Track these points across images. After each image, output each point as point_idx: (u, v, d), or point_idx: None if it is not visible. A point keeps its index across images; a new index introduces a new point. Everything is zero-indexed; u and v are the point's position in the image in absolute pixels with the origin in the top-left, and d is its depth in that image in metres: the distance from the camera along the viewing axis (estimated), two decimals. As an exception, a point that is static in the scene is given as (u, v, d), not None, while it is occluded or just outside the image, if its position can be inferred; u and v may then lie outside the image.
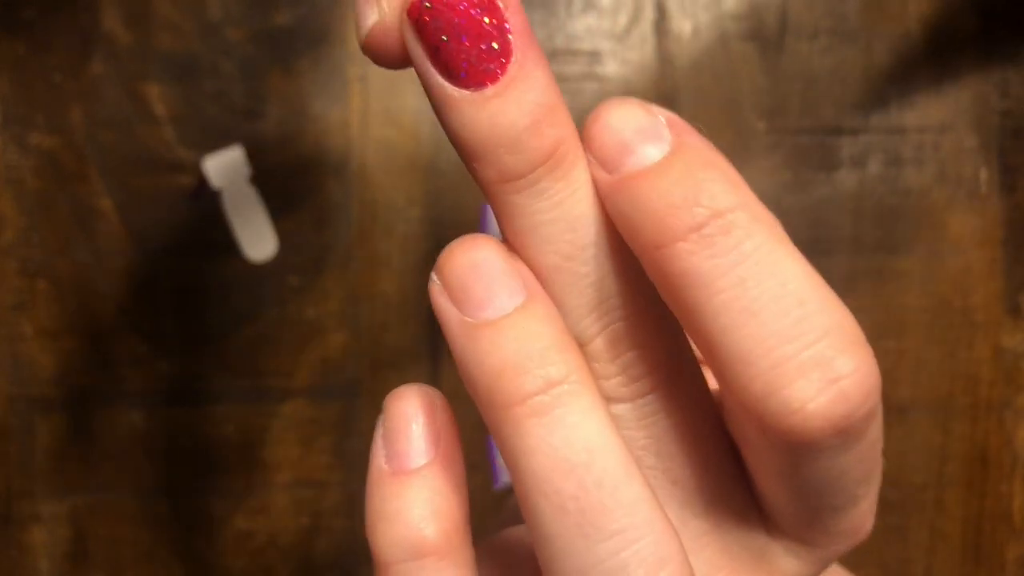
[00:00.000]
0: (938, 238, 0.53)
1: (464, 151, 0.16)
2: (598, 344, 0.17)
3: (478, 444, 0.53)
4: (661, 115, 0.16)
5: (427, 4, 0.16)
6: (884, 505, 0.60)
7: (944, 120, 0.53)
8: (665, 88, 0.53)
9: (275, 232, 0.52)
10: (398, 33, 0.16)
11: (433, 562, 0.17)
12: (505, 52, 0.16)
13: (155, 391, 0.53)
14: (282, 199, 0.52)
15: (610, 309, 0.17)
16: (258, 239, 0.52)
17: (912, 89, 0.54)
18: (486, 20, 0.16)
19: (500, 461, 0.52)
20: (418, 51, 0.16)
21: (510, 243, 0.17)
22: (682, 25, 0.53)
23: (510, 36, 0.16)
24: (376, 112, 0.52)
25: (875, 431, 0.15)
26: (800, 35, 0.53)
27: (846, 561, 0.54)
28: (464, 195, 0.53)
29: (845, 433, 0.15)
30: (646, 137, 0.16)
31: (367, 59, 0.19)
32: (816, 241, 0.53)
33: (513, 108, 0.16)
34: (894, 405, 0.53)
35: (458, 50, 0.16)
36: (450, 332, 0.17)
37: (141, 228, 0.52)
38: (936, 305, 0.53)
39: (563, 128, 0.16)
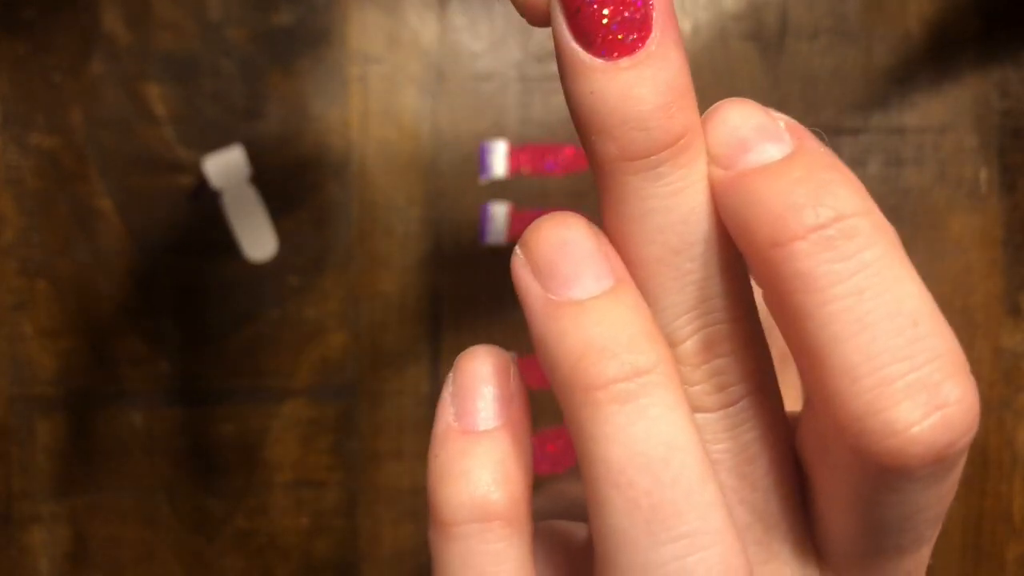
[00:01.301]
0: (938, 238, 0.53)
1: (586, 122, 0.15)
2: (689, 347, 0.16)
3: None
4: (780, 119, 0.16)
5: None
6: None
7: (944, 120, 0.53)
8: (665, 88, 0.53)
9: (275, 232, 0.52)
10: None
11: (499, 527, 0.16)
12: (646, 25, 0.15)
13: (155, 391, 0.53)
14: (282, 199, 0.52)
15: (708, 311, 0.16)
16: (258, 239, 0.52)
17: (912, 89, 0.54)
18: None
19: None
20: (558, 11, 0.15)
21: (612, 228, 0.16)
22: (682, 24, 0.53)
23: (653, 10, 0.15)
24: (376, 112, 0.52)
25: (959, 471, 0.15)
26: (800, 35, 0.53)
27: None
28: (464, 195, 0.53)
29: (941, 463, 0.14)
30: (766, 136, 0.16)
31: (367, 59, 0.19)
32: (816, 241, 0.53)
33: (648, 84, 0.15)
34: (894, 405, 0.53)
35: (598, 15, 0.15)
36: (530, 308, 0.16)
37: (141, 228, 0.52)
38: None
39: (692, 115, 0.16)
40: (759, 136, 0.16)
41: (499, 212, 0.52)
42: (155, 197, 0.52)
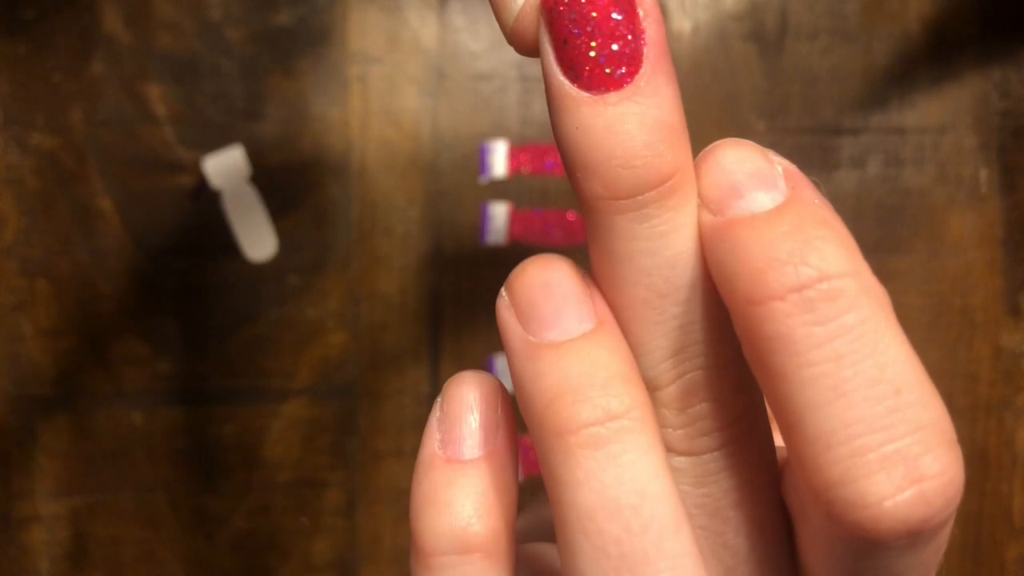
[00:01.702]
0: (938, 238, 0.53)
1: (572, 158, 0.15)
2: (671, 391, 0.16)
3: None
4: (779, 163, 0.15)
5: None
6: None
7: (944, 120, 0.53)
8: (665, 88, 0.53)
9: (275, 232, 0.52)
10: (536, 19, 0.15)
11: (479, 559, 0.16)
12: (635, 59, 0.15)
13: (155, 391, 0.53)
14: (282, 199, 0.52)
15: (691, 356, 0.16)
16: (258, 239, 0.52)
17: (912, 89, 0.54)
18: (622, 22, 0.15)
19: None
20: (546, 41, 0.15)
21: (598, 267, 0.16)
22: (682, 25, 0.53)
23: (644, 45, 0.15)
24: (376, 112, 0.52)
25: (944, 537, 0.14)
26: (800, 35, 0.53)
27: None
28: (464, 195, 0.53)
29: (916, 536, 0.13)
30: (760, 183, 0.15)
31: (367, 59, 0.19)
32: (816, 241, 0.53)
33: (635, 121, 0.15)
34: (894, 405, 0.53)
35: (586, 48, 0.15)
36: (511, 349, 0.16)
37: (141, 228, 0.52)
38: (936, 305, 0.53)
39: (683, 155, 0.15)
40: (753, 182, 0.15)
41: (499, 212, 0.52)
42: (155, 197, 0.52)
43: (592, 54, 0.14)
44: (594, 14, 0.14)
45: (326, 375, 0.53)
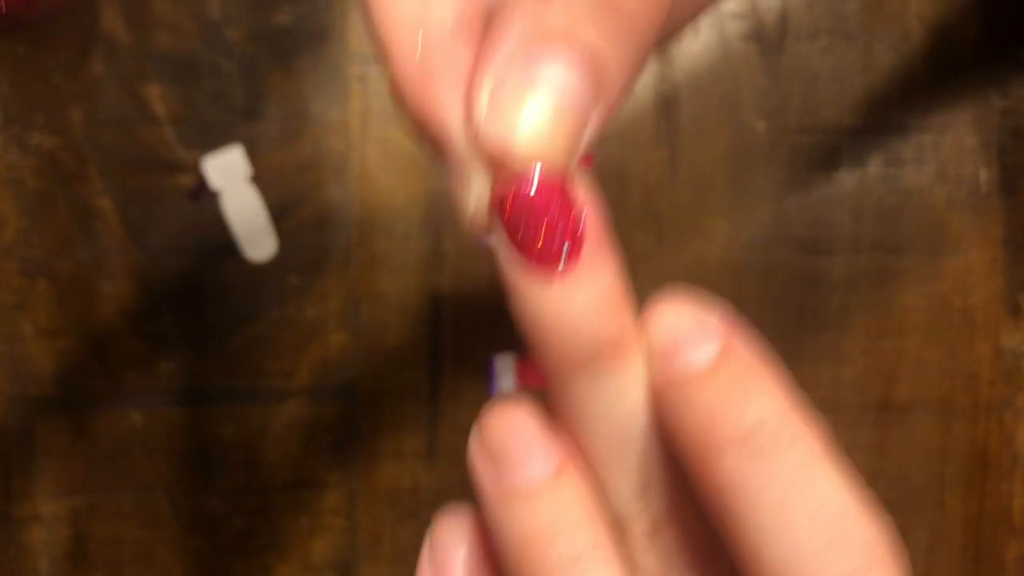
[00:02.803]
0: (938, 238, 0.53)
1: (529, 332, 0.17)
2: (640, 527, 0.17)
3: (478, 444, 0.53)
4: (713, 315, 0.17)
5: (511, 191, 0.17)
6: (884, 505, 0.60)
7: (944, 120, 0.53)
8: (665, 88, 0.53)
9: (275, 232, 0.52)
10: (488, 215, 0.17)
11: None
12: (577, 246, 0.16)
13: (155, 391, 0.53)
14: (282, 199, 0.52)
15: (655, 494, 0.17)
16: (258, 239, 0.52)
17: (912, 89, 0.54)
18: (563, 212, 0.16)
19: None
20: (497, 234, 0.17)
21: (563, 421, 0.18)
22: (682, 25, 0.53)
23: (584, 233, 0.17)
24: (376, 112, 0.52)
25: None
26: (800, 35, 0.53)
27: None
28: (464, 195, 0.53)
29: None
30: (697, 338, 0.17)
31: (367, 58, 0.20)
32: (816, 241, 0.53)
33: (580, 296, 0.16)
34: (894, 405, 0.53)
35: (533, 237, 0.16)
36: (484, 495, 0.18)
37: (141, 228, 0.52)
38: (936, 305, 0.53)
39: (627, 321, 0.17)
40: (690, 338, 0.17)
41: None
42: (155, 197, 0.52)
43: (539, 243, 0.16)
44: (538, 208, 0.16)
45: (326, 375, 0.53)
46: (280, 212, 0.52)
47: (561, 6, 0.16)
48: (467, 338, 0.53)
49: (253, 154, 0.52)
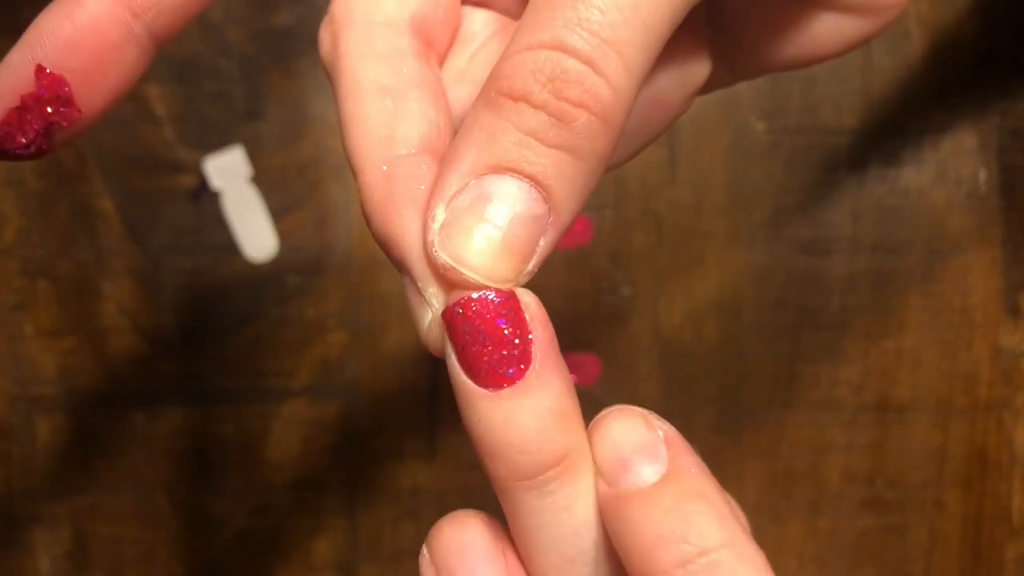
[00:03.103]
0: (938, 238, 0.53)
1: (478, 446, 0.17)
2: None
3: (478, 444, 0.53)
4: (660, 429, 0.17)
5: (459, 310, 0.17)
6: (883, 505, 0.60)
7: (944, 120, 0.53)
8: (665, 88, 0.53)
9: (275, 232, 0.52)
10: (441, 330, 0.18)
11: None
12: (524, 359, 0.17)
13: (155, 391, 0.53)
14: (282, 199, 0.52)
15: None
16: (258, 239, 0.52)
17: (912, 89, 0.54)
18: (510, 329, 0.17)
19: None
20: (448, 348, 0.17)
21: (514, 534, 0.18)
22: (682, 25, 0.53)
23: (532, 345, 0.17)
24: (376, 112, 0.52)
25: None
26: (800, 35, 0.54)
27: (841, 572, 0.54)
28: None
29: None
30: (644, 455, 0.17)
31: None
32: (816, 241, 0.53)
33: (527, 411, 0.17)
34: (893, 405, 0.53)
35: (481, 352, 0.17)
36: None
37: (141, 228, 0.52)
38: (935, 305, 0.53)
39: (575, 436, 0.17)
40: (638, 455, 0.17)
41: None
42: (155, 197, 0.52)
43: (485, 358, 0.17)
44: (485, 325, 0.17)
45: (326, 375, 0.53)
46: (280, 212, 0.52)
47: (512, 129, 0.17)
48: (467, 338, 0.53)
49: (253, 154, 0.52)
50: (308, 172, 0.52)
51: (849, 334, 0.53)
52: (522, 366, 0.17)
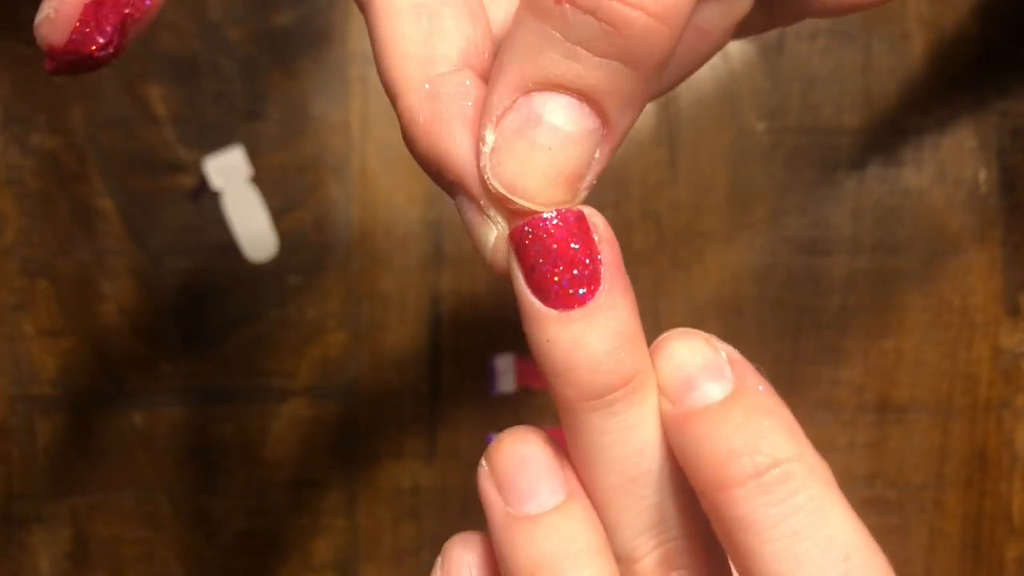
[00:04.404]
0: (938, 238, 0.53)
1: (545, 366, 0.17)
2: (647, 563, 0.18)
3: (478, 444, 0.53)
4: (723, 350, 0.17)
5: (528, 229, 0.17)
6: (884, 505, 0.60)
7: (944, 120, 0.53)
8: (665, 88, 0.53)
9: (275, 232, 0.52)
10: (507, 251, 0.17)
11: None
12: (594, 279, 0.17)
13: (155, 391, 0.53)
14: (282, 199, 0.52)
15: (665, 530, 0.17)
16: (258, 239, 0.52)
17: (912, 89, 0.54)
18: (580, 249, 0.17)
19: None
20: (515, 269, 0.17)
21: (574, 456, 0.18)
22: (682, 25, 0.53)
23: (601, 266, 0.17)
24: (377, 112, 0.53)
25: None
26: (800, 35, 0.54)
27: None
28: (464, 195, 0.53)
29: None
30: (709, 374, 0.17)
31: (368, 59, 0.20)
32: (816, 241, 0.53)
33: (596, 332, 0.17)
34: (893, 405, 0.53)
35: (551, 273, 0.17)
36: (492, 520, 0.18)
37: (141, 228, 0.52)
38: (935, 305, 0.53)
39: (641, 357, 0.17)
40: (703, 374, 0.17)
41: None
42: (155, 197, 0.52)
43: (556, 278, 0.17)
44: (555, 245, 0.17)
45: (326, 375, 0.53)
46: (280, 212, 0.52)
47: (559, 39, 0.15)
48: (467, 338, 0.53)
49: (253, 154, 0.52)
50: (308, 172, 0.52)
51: (849, 334, 0.53)
52: (592, 287, 0.17)
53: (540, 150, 0.16)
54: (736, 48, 0.53)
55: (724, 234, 0.53)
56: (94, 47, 0.17)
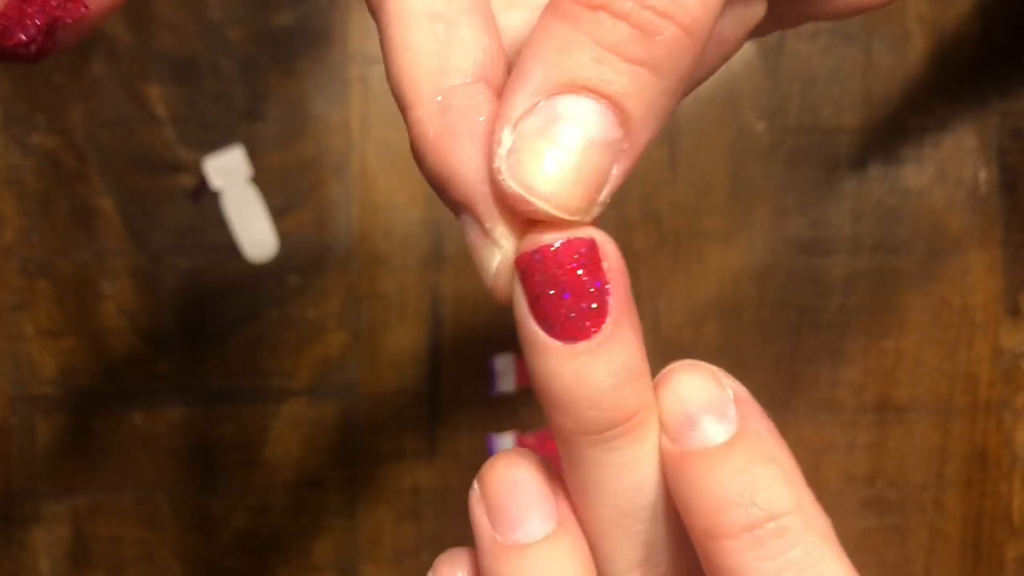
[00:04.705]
0: (938, 238, 0.53)
1: (545, 398, 0.17)
2: None
3: (478, 444, 0.53)
4: (730, 387, 0.17)
5: (536, 256, 0.16)
6: (884, 505, 0.60)
7: (944, 120, 0.53)
8: (665, 88, 0.53)
9: (275, 232, 0.52)
10: (511, 277, 0.17)
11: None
12: (602, 312, 0.16)
13: (155, 391, 0.53)
14: (282, 199, 0.52)
15: (656, 565, 0.17)
16: (258, 239, 0.52)
17: (912, 89, 0.54)
18: (588, 279, 0.16)
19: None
20: (519, 296, 0.16)
21: (570, 486, 0.17)
22: (682, 25, 0.53)
23: (609, 298, 0.16)
24: (377, 112, 0.53)
25: None
26: (800, 35, 0.54)
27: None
28: (464, 195, 0.53)
29: None
30: (712, 412, 0.16)
31: (368, 59, 0.19)
32: (816, 241, 0.53)
33: (601, 367, 0.16)
34: (893, 405, 0.53)
35: (558, 303, 0.16)
36: (480, 546, 0.17)
37: (141, 228, 0.52)
38: (936, 305, 0.53)
39: (646, 393, 0.17)
40: (705, 412, 0.16)
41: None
42: (155, 197, 0.52)
43: (562, 309, 0.16)
44: (563, 276, 0.16)
45: (326, 375, 0.53)
46: (280, 212, 0.52)
47: (588, 42, 0.15)
48: (467, 338, 0.53)
49: (253, 154, 0.52)
50: (308, 172, 0.52)
51: (849, 334, 0.53)
52: (600, 319, 0.16)
53: (563, 150, 0.15)
54: (736, 48, 0.53)
55: (724, 234, 0.53)
56: (13, 43, 0.17)
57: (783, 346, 0.53)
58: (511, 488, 0.17)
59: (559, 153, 0.15)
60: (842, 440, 0.53)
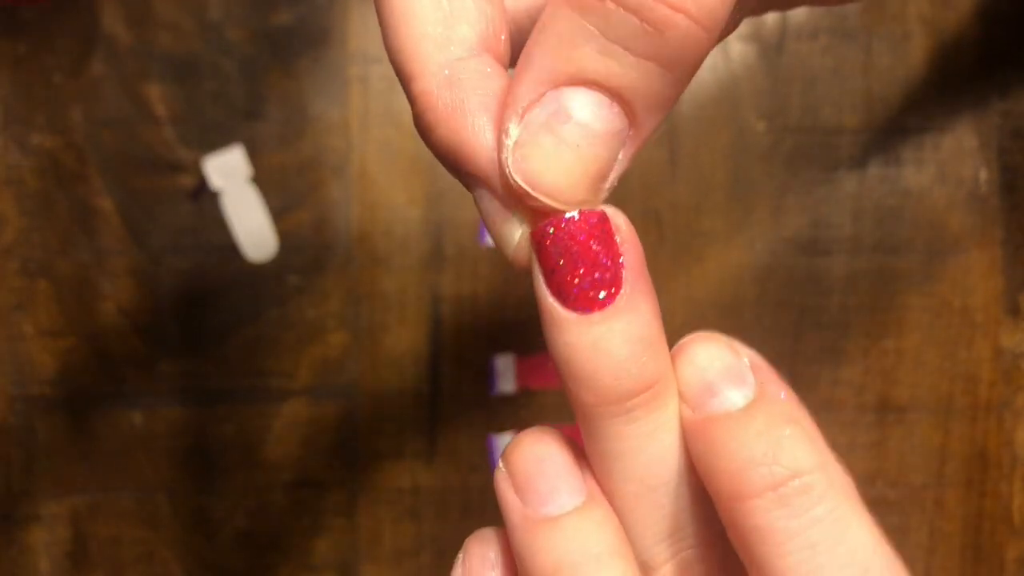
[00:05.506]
0: (938, 238, 0.53)
1: (564, 371, 0.17)
2: (666, 571, 0.17)
3: (478, 444, 0.53)
4: (746, 355, 0.17)
5: (550, 230, 0.16)
6: (884, 505, 0.60)
7: (944, 120, 0.53)
8: (665, 88, 0.53)
9: (275, 232, 0.52)
10: (529, 250, 0.17)
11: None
12: (616, 282, 0.16)
13: (155, 391, 0.53)
14: (282, 199, 0.52)
15: (683, 538, 0.17)
16: (258, 239, 0.52)
17: (912, 89, 0.54)
18: (601, 251, 0.16)
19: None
20: (536, 269, 0.17)
21: (593, 462, 0.17)
22: (682, 25, 0.53)
23: (623, 269, 0.16)
24: (377, 112, 0.52)
25: None
26: (800, 35, 0.54)
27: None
28: (464, 195, 0.53)
29: None
30: (730, 379, 0.17)
31: (367, 59, 0.19)
32: (816, 241, 0.53)
33: (617, 336, 0.16)
34: (893, 405, 0.53)
35: (572, 275, 0.16)
36: (510, 523, 0.17)
37: (141, 228, 0.52)
38: (936, 305, 0.53)
39: (663, 362, 0.17)
40: (724, 379, 0.17)
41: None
42: (155, 197, 0.52)
43: (576, 280, 0.16)
44: (576, 248, 0.16)
45: (326, 375, 0.53)
46: (280, 212, 0.52)
47: (596, 35, 0.15)
48: (467, 338, 0.53)
49: (253, 154, 0.52)
50: (308, 172, 0.52)
51: (849, 334, 0.53)
52: (613, 289, 0.16)
53: (567, 146, 0.16)
54: (736, 48, 0.53)
55: (724, 234, 0.53)
56: None
57: (783, 346, 0.53)
58: (538, 463, 0.17)
59: (563, 149, 0.16)
60: (842, 440, 0.53)
